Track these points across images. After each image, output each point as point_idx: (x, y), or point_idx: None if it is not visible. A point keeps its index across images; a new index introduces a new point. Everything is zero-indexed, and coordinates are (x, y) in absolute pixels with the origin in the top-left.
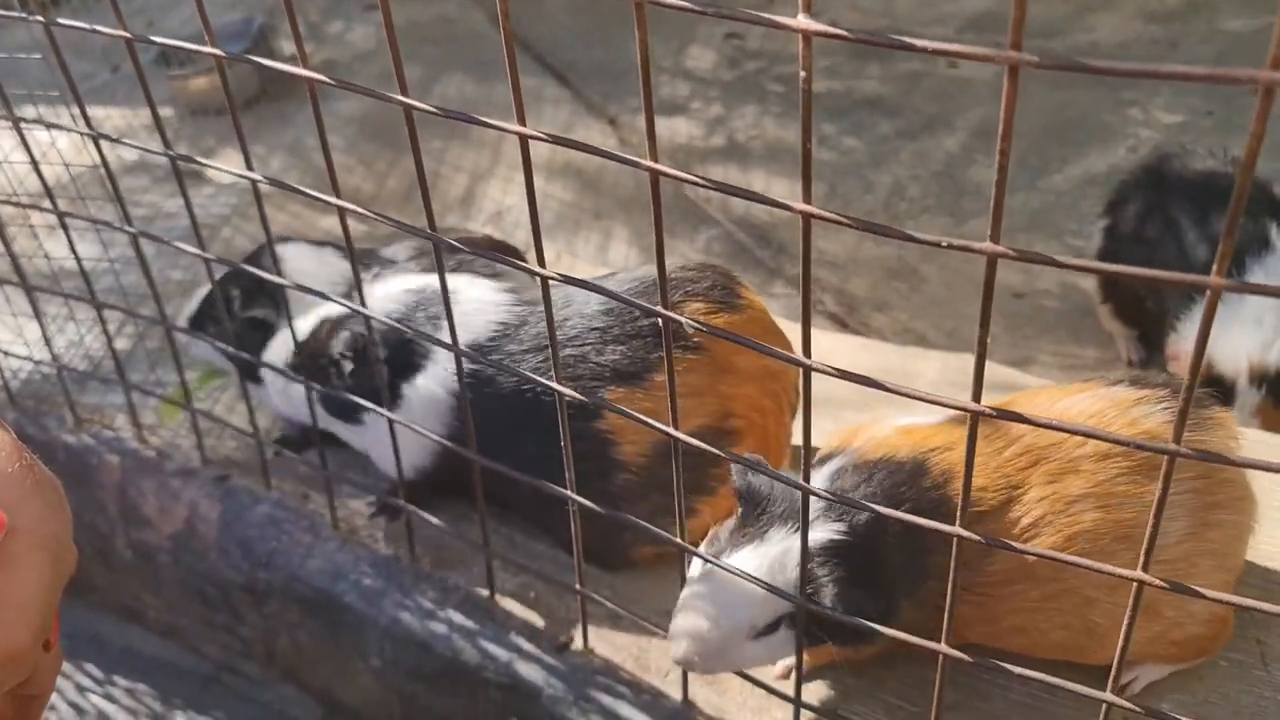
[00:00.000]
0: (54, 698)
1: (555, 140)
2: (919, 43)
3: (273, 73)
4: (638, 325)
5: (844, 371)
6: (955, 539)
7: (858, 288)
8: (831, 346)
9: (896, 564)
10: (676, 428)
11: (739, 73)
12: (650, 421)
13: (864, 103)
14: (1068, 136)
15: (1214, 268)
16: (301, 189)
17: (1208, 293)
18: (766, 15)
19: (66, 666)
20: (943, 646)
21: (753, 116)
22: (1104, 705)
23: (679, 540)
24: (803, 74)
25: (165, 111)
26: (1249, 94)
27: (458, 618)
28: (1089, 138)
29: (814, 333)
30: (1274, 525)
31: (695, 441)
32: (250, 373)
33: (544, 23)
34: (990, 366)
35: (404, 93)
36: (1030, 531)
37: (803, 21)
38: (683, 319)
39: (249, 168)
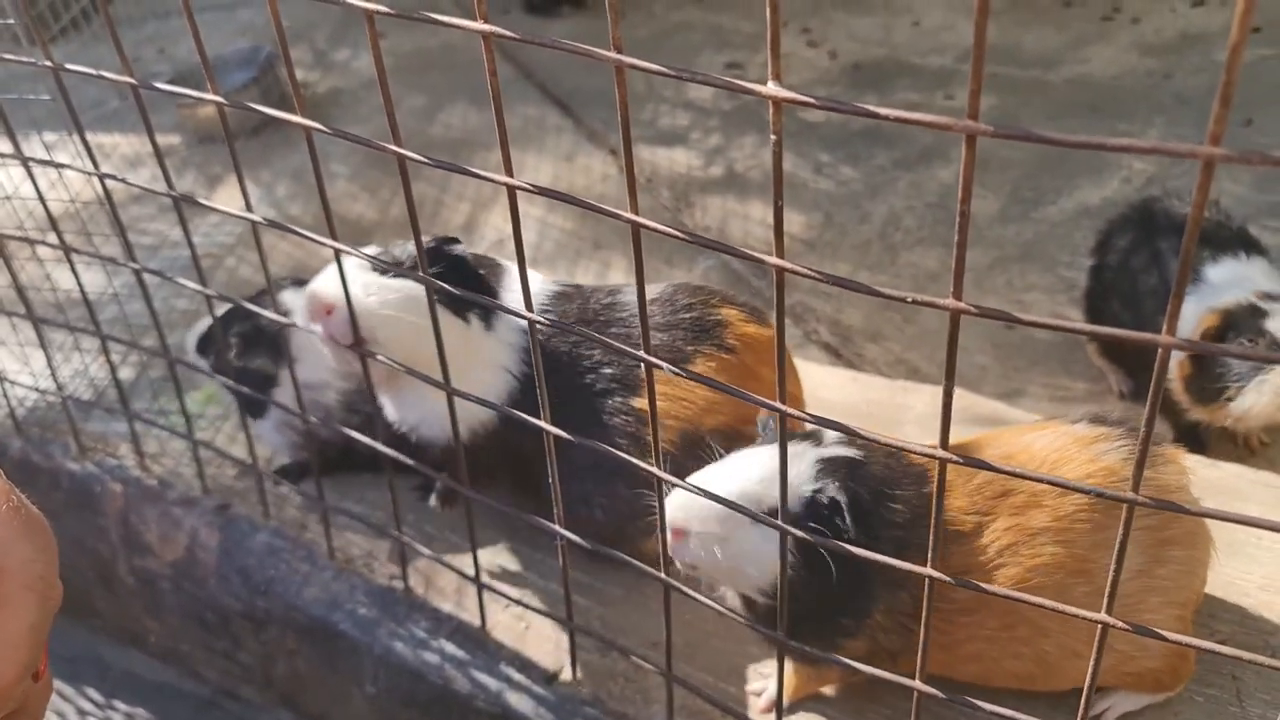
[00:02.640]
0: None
1: (539, 191)
2: (882, 110)
3: (280, 98)
4: (679, 317)
5: (817, 417)
6: (927, 579)
7: (852, 319)
8: (822, 379)
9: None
10: (656, 438)
11: (739, 102)
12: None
13: (861, 133)
14: (1061, 168)
15: (1164, 327)
16: (297, 230)
17: (1159, 351)
18: (738, 81)
19: (68, 690)
20: (917, 684)
21: (751, 147)
22: None
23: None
24: (773, 137)
25: (174, 139)
26: (1241, 126)
27: (450, 647)
28: (1082, 170)
29: (806, 365)
30: (1249, 560)
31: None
32: (251, 408)
33: (547, 52)
34: (978, 400)
35: (397, 142)
36: (997, 560)
37: (772, 89)
38: (663, 364)
39: (248, 208)
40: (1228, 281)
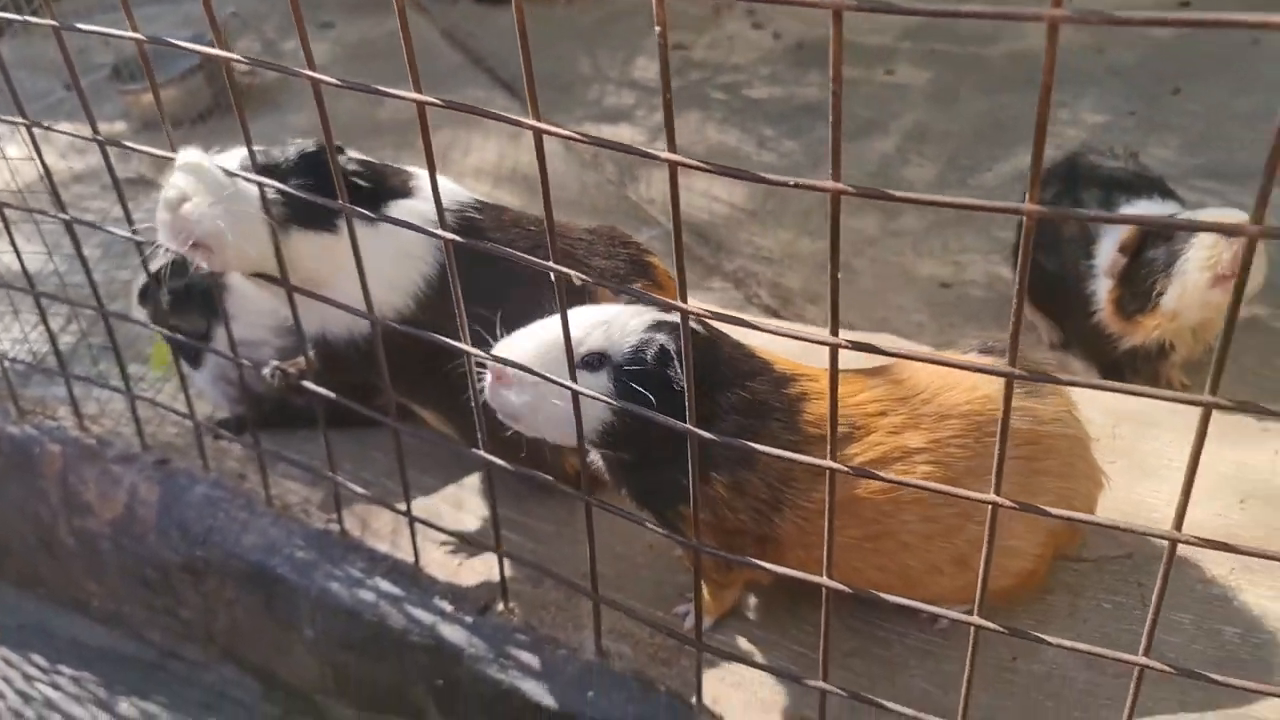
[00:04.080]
0: (2, 686)
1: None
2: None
3: (224, 86)
4: (617, 251)
5: (716, 313)
6: (829, 472)
7: (792, 281)
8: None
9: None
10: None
11: (683, 81)
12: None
13: (804, 108)
14: (999, 137)
15: (1025, 196)
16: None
17: (1023, 220)
18: None
19: (14, 657)
20: (825, 580)
21: (695, 123)
22: (973, 629)
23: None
24: (658, 29)
25: (119, 126)
26: (1169, 94)
27: (385, 585)
28: (1018, 138)
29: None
30: (1159, 480)
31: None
32: (189, 359)
33: (496, 38)
34: (916, 349)
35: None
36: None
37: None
38: (571, 272)
39: (172, 147)
40: (1138, 213)
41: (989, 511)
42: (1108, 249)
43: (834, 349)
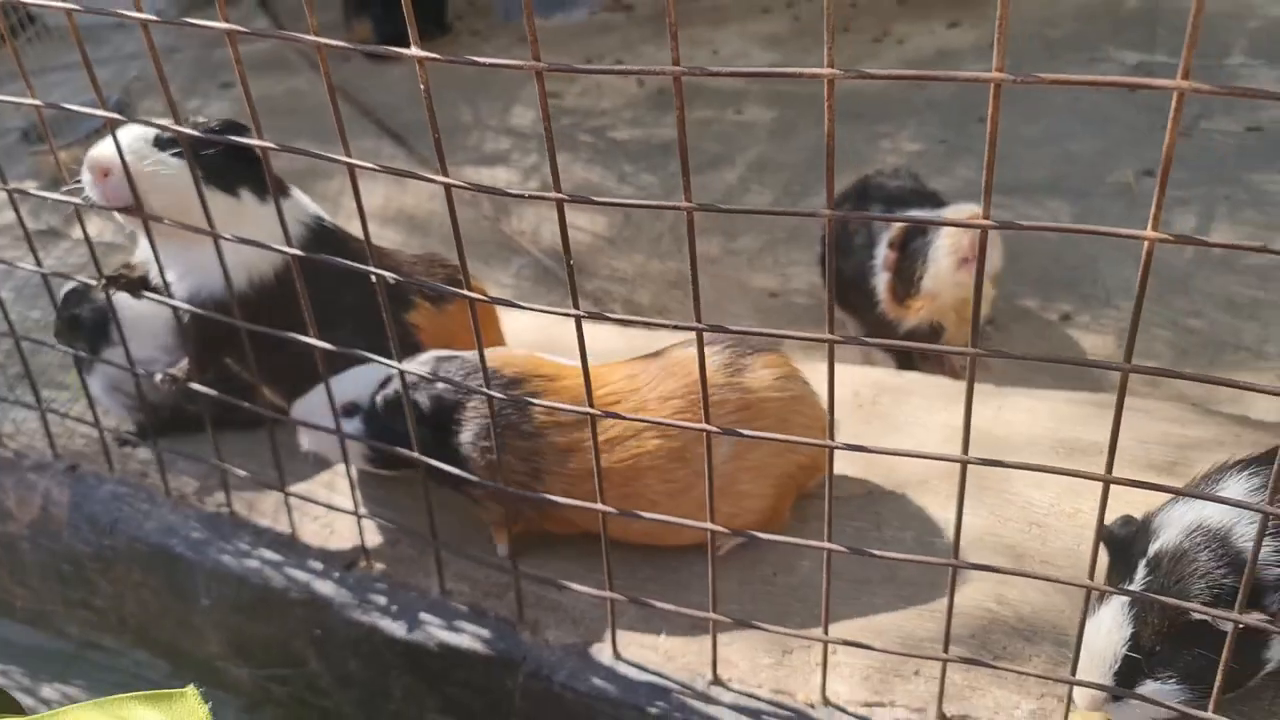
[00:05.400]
0: None
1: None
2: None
3: None
4: (435, 270)
5: (496, 299)
6: (591, 418)
7: (643, 297)
8: (596, 334)
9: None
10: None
11: (555, 126)
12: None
13: (660, 146)
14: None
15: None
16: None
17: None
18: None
19: None
20: (600, 506)
21: (564, 162)
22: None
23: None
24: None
25: (30, 184)
26: (975, 123)
27: (268, 554)
28: (845, 164)
29: (597, 329)
30: (908, 438)
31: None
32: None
33: (385, 92)
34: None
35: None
36: (606, 446)
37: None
38: (389, 275)
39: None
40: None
41: (705, 439)
42: (884, 249)
43: (578, 320)
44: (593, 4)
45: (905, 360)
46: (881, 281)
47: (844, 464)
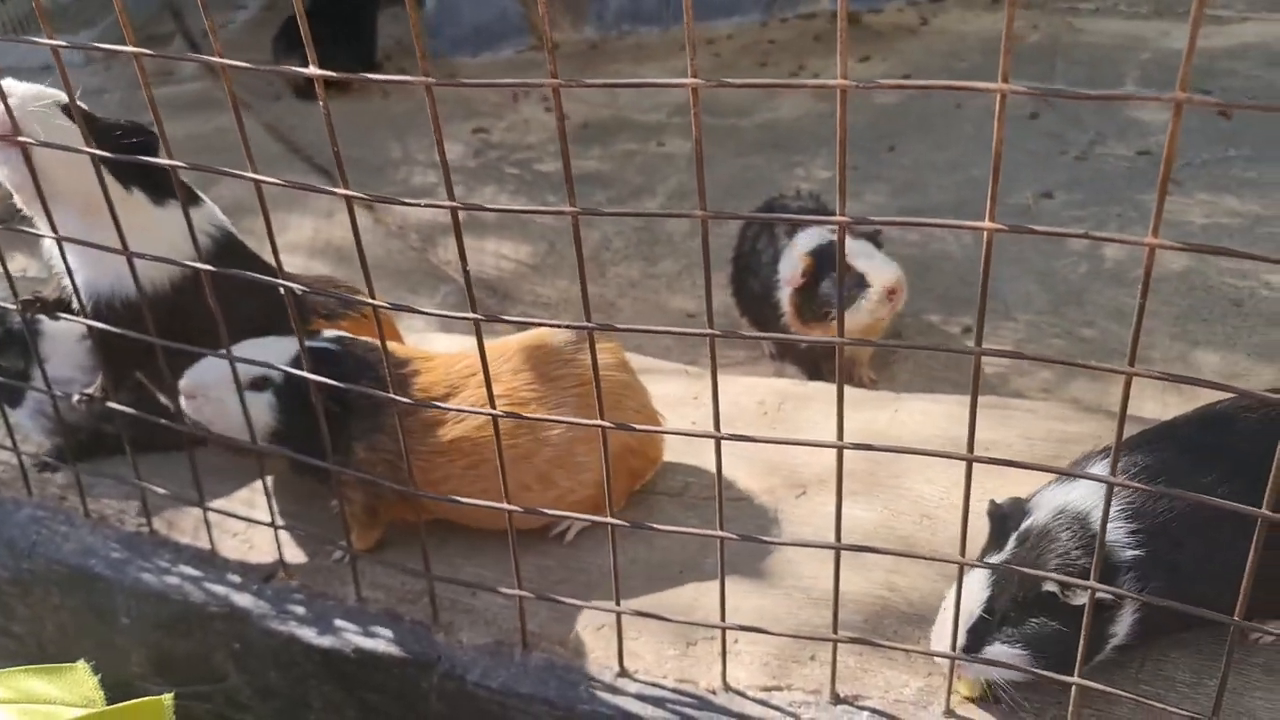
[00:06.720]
0: None
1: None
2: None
3: None
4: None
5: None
6: (493, 419)
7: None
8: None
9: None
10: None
11: (482, 160)
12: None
13: (586, 177)
14: (745, 191)
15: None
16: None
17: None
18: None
19: None
20: (506, 506)
21: (491, 195)
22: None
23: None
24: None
25: None
26: (886, 151)
27: (188, 570)
28: (762, 192)
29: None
30: (805, 437)
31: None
32: (8, 398)
33: (314, 130)
34: (662, 363)
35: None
36: (463, 417)
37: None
38: (295, 286)
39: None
40: (811, 239)
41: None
42: (786, 266)
43: (477, 324)
44: (517, 43)
45: (814, 372)
46: (785, 296)
47: (746, 466)
